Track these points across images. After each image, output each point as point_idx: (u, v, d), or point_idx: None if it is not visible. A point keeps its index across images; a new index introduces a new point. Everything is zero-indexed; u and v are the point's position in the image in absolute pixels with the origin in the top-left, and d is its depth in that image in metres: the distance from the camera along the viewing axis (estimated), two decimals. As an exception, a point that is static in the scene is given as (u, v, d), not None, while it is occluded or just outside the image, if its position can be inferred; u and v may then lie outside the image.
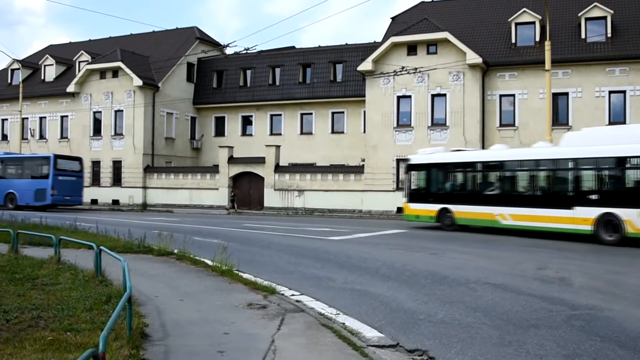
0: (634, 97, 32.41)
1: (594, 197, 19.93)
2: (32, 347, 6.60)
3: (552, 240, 20.10)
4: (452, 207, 24.77)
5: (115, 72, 44.40)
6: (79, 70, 46.97)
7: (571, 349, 7.25)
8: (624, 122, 32.03)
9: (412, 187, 27.01)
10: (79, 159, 40.66)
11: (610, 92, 33.04)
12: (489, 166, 24.55)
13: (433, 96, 35.53)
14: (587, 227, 19.71)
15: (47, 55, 51.48)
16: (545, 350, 7.19)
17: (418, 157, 27.01)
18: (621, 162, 19.51)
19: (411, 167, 27.09)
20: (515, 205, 22.38)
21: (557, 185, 21.79)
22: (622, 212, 18.83)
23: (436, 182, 26.27)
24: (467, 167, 25.26)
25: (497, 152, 24.77)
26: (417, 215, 26.48)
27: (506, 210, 22.61)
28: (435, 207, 25.40)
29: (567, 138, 21.96)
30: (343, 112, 42.25)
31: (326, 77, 43.12)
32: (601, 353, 7.09)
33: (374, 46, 38.78)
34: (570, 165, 21.02)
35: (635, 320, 8.68)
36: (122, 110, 44.44)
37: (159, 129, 44.75)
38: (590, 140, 20.54)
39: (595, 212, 19.55)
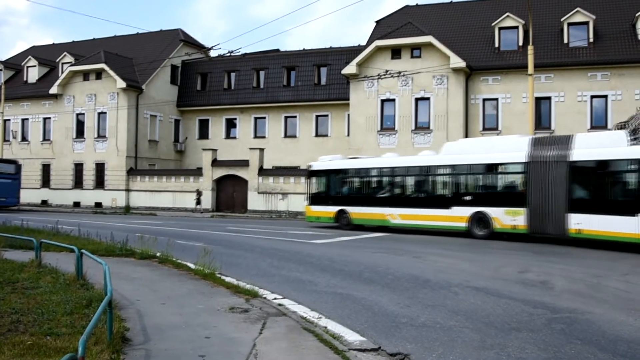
0: (615, 102, 32.71)
1: (468, 198, 23.02)
2: (11, 352, 6.54)
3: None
4: (349, 209, 26.99)
5: (99, 74, 44.19)
6: (62, 72, 46.70)
7: (552, 352, 7.30)
8: (605, 127, 32.35)
9: (313, 191, 28.90)
10: (14, 162, 42.68)
11: (592, 97, 33.34)
12: (380, 172, 26.83)
13: (417, 100, 35.66)
14: (463, 224, 22.90)
15: (29, 57, 51.14)
16: (526, 354, 7.23)
17: (318, 164, 29.11)
18: (490, 168, 22.76)
19: (312, 173, 29.21)
20: (403, 207, 25.05)
21: (437, 188, 24.64)
22: (491, 211, 22.13)
23: (334, 187, 28.20)
24: (361, 173, 27.45)
25: (387, 160, 27.23)
26: (318, 217, 28.49)
27: (395, 210, 25.25)
28: (334, 209, 27.57)
29: (446, 147, 25.13)
30: (327, 115, 42.31)
31: (310, 80, 43.16)
32: (581, 356, 7.14)
33: (358, 49, 38.89)
34: (449, 171, 23.97)
35: (615, 323, 8.74)
36: (105, 112, 44.22)
37: (143, 131, 44.56)
38: (466, 149, 23.69)
39: (469, 211, 22.71)
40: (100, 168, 44.70)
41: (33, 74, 50.23)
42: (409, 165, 25.62)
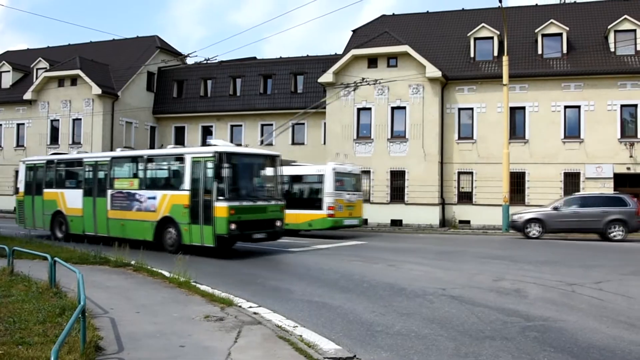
0: (588, 112, 33.15)
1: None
2: (-18, 361, 6.46)
3: (508, 251, 20.40)
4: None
5: (74, 80, 43.78)
6: (37, 78, 46.17)
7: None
8: (578, 136, 32.82)
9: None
10: None
11: (566, 107, 33.74)
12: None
13: (393, 109, 35.81)
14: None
15: (3, 62, 50.48)
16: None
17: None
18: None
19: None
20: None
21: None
22: None
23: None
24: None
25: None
26: None
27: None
28: None
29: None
30: (303, 124, 42.28)
31: (287, 88, 43.17)
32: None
33: (335, 58, 38.99)
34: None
35: (588, 331, 8.84)
36: (80, 119, 43.80)
37: (118, 138, 44.22)
38: None
39: None
40: (74, 175, 44.17)
41: (7, 79, 49.63)
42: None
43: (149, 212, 19.60)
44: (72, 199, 23.11)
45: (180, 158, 19.24)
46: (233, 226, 17.21)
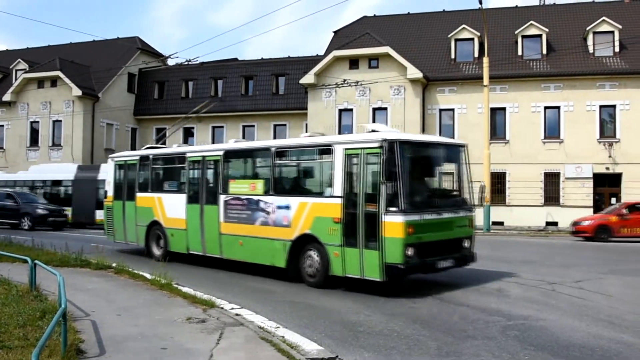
0: (567, 113, 33.49)
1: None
2: (-39, 366, 6.40)
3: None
4: None
5: (54, 82, 43.46)
6: (16, 79, 45.70)
7: (506, 358, 7.42)
8: (558, 137, 33.14)
9: None
10: None
11: (546, 108, 34.08)
12: None
13: (374, 110, 35.92)
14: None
15: (-19, 63, 50.07)
16: (481, 360, 7.36)
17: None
18: (55, 183, 36.11)
19: None
20: None
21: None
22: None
23: None
24: None
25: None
26: None
27: None
28: None
29: (31, 168, 38.56)
30: (285, 125, 42.28)
31: (268, 89, 43.13)
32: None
33: (316, 59, 39.03)
34: (33, 184, 36.74)
35: (569, 329, 8.92)
36: (60, 121, 43.47)
37: (99, 139, 43.94)
38: (42, 170, 37.38)
39: None
40: (54, 177, 43.82)
41: (-15, 80, 49.16)
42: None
43: (280, 228, 13.83)
44: (172, 207, 17.51)
45: (326, 150, 13.35)
46: (410, 251, 11.47)
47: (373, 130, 13.06)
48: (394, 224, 11.41)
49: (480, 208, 29.87)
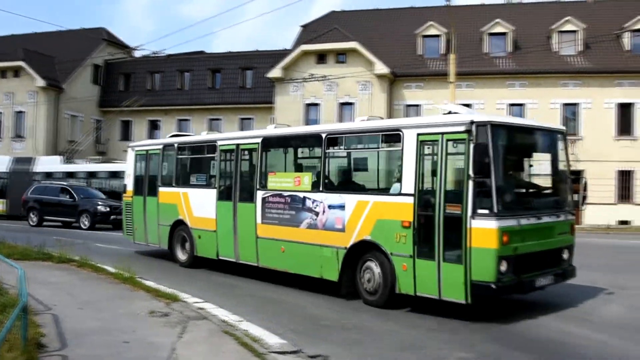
0: (532, 110, 33.93)
1: None
2: None
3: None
4: None
5: (17, 72, 42.72)
6: (-23, 69, 44.93)
7: (469, 352, 7.54)
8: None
9: None
10: None
11: (511, 105, 34.50)
12: None
13: (341, 105, 36.03)
14: None
15: (-59, 52, 48.96)
16: (444, 352, 7.46)
17: None
18: None
19: None
20: None
21: None
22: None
23: None
24: None
25: None
26: None
27: None
28: None
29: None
30: (252, 119, 42.16)
31: (235, 83, 42.96)
32: (501, 354, 7.40)
33: (284, 53, 38.96)
34: None
35: (526, 325, 9.05)
36: (23, 112, 42.78)
37: (63, 131, 43.35)
38: None
39: None
40: (17, 169, 43.12)
41: (-55, 70, 48.12)
42: None
43: (332, 232, 11.18)
44: (199, 204, 14.96)
45: (394, 136, 10.61)
46: (505, 266, 8.96)
47: (450, 112, 10.16)
48: (484, 230, 8.90)
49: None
